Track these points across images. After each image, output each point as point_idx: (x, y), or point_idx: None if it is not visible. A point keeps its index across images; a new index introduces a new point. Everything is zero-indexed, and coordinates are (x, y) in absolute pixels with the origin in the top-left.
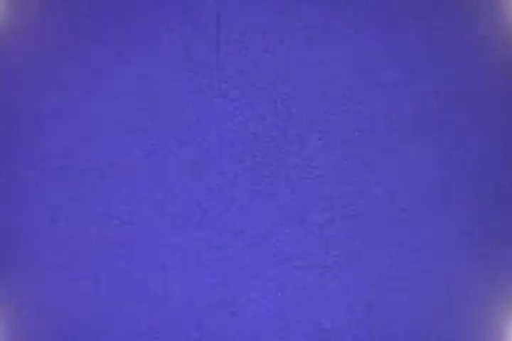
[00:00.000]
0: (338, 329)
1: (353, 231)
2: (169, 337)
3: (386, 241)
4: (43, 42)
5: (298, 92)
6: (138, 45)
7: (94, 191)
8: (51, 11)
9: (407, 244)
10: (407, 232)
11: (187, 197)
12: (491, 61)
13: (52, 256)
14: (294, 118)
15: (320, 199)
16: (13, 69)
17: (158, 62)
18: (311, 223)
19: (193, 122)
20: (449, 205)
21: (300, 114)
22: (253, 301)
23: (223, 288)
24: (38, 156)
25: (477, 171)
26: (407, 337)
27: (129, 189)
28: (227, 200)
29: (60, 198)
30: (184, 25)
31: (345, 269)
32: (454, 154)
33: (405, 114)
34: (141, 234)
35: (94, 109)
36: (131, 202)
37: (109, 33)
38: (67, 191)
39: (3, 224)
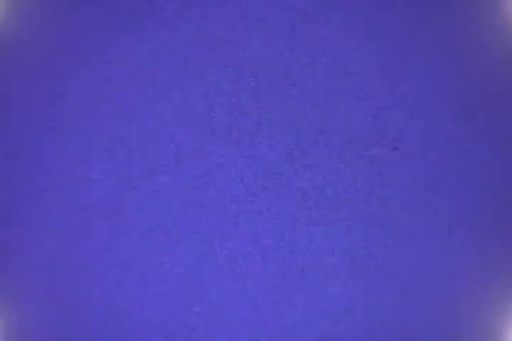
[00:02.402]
0: (335, 330)
1: (354, 231)
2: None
3: (385, 241)
4: (43, 41)
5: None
6: (140, 48)
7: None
8: (51, 10)
9: (407, 244)
10: (407, 232)
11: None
12: (492, 61)
13: (52, 255)
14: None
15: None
16: (13, 69)
17: (163, 61)
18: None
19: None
20: (450, 205)
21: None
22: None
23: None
24: (39, 158)
25: (477, 172)
26: (407, 337)
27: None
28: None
29: (62, 193)
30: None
31: (344, 269)
32: (461, 159)
33: (406, 117)
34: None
35: (95, 108)
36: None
37: (109, 32)
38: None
39: (4, 226)
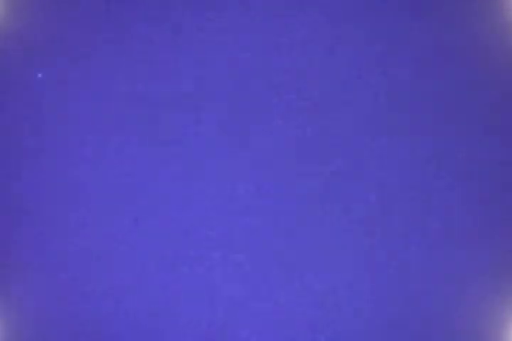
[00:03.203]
0: (335, 331)
1: (352, 230)
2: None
3: (384, 240)
4: (43, 41)
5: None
6: (140, 45)
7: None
8: (51, 10)
9: (407, 243)
10: (408, 231)
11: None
12: (491, 60)
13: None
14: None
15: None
16: (13, 69)
17: (161, 63)
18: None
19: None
20: (450, 205)
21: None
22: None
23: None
24: (38, 158)
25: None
26: (407, 336)
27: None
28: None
29: (62, 200)
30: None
31: (344, 271)
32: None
33: (406, 113)
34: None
35: (95, 108)
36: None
37: (109, 32)
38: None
39: (4, 225)
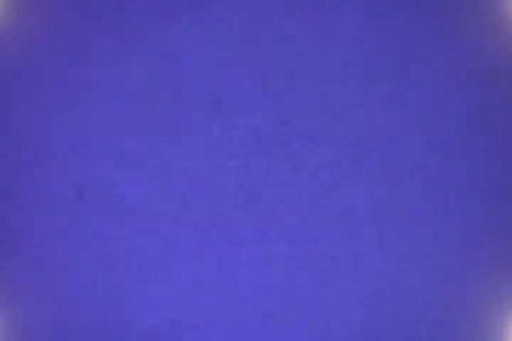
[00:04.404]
0: (336, 331)
1: (353, 230)
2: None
3: (385, 240)
4: (43, 42)
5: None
6: (140, 44)
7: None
8: (51, 10)
9: (407, 244)
10: (408, 231)
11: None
12: (492, 60)
13: (51, 257)
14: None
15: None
16: (13, 69)
17: (160, 62)
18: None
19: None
20: (450, 204)
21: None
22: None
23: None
24: (37, 156)
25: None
26: (406, 337)
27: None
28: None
29: (61, 199)
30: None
31: (343, 270)
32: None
33: (407, 118)
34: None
35: (94, 109)
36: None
37: (109, 32)
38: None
39: (4, 225)
